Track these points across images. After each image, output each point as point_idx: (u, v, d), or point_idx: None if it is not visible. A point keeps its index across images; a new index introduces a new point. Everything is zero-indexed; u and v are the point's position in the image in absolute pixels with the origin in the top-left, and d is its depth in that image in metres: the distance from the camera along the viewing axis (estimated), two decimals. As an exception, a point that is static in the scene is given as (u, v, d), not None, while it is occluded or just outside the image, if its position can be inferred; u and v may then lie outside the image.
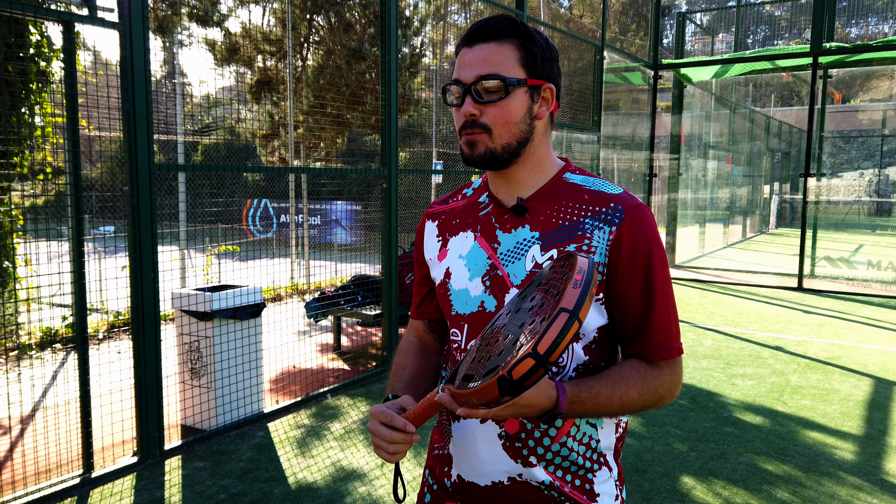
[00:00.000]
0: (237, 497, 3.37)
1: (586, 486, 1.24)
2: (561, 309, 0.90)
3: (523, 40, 1.21)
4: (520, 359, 0.88)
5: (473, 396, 0.95)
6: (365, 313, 5.98)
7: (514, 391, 0.90)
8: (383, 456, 1.14)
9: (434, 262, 1.38)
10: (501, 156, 1.22)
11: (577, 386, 1.13)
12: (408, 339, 1.49)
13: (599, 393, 1.14)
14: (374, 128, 9.79)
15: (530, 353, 0.88)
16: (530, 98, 1.22)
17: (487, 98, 1.19)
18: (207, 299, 4.11)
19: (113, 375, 5.03)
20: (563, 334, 0.88)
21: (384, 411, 1.15)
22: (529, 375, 0.89)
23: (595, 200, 1.23)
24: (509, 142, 1.21)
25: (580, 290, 0.92)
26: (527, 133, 1.23)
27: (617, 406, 1.16)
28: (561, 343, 0.88)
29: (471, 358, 1.07)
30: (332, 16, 9.70)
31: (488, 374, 0.94)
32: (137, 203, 3.59)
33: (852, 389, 5.08)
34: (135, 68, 3.49)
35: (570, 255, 1.03)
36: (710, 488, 3.48)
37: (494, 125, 1.20)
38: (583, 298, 0.91)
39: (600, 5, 11.02)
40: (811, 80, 9.56)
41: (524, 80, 1.20)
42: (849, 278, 10.28)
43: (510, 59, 1.19)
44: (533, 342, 0.89)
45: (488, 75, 1.18)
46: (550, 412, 1.09)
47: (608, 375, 1.17)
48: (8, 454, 3.93)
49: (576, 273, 0.95)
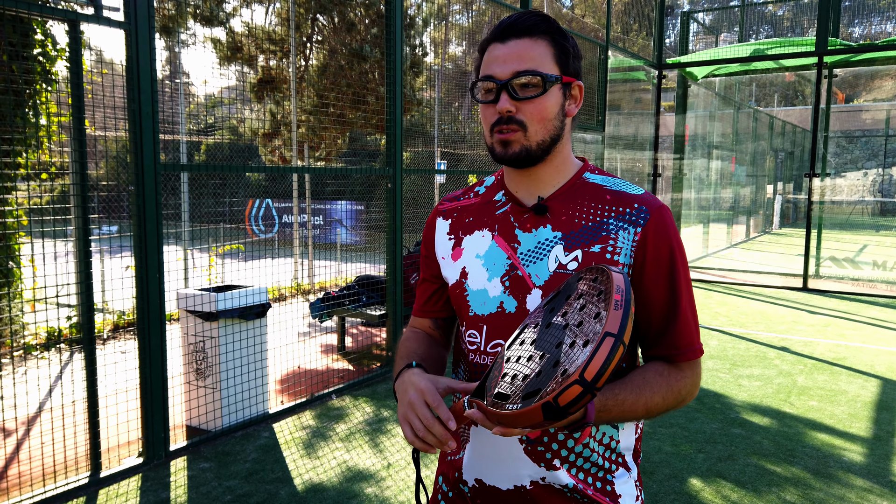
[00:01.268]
0: (243, 498, 3.35)
1: (607, 488, 1.23)
2: (606, 333, 0.89)
3: (556, 37, 1.20)
4: (567, 386, 0.87)
5: (515, 419, 0.93)
6: (369, 313, 5.97)
7: (558, 417, 0.89)
8: (409, 437, 1.09)
9: (447, 262, 1.35)
10: (535, 153, 1.21)
11: (603, 395, 1.11)
12: (412, 329, 1.45)
13: (625, 400, 1.13)
14: (377, 127, 9.78)
15: (577, 379, 0.87)
16: (563, 95, 1.22)
17: (524, 94, 1.18)
18: (213, 299, 4.10)
19: (118, 376, 5.02)
20: (609, 360, 0.87)
21: (434, 392, 1.10)
22: (576, 402, 0.88)
23: (618, 201, 1.22)
24: (544, 138, 1.20)
25: (622, 312, 0.91)
26: (559, 130, 1.22)
27: (642, 411, 1.15)
28: (608, 369, 0.87)
29: (499, 373, 1.03)
30: (334, 16, 9.69)
31: (529, 398, 0.92)
32: (143, 203, 3.57)
33: (860, 390, 5.05)
34: (140, 68, 3.48)
35: (602, 270, 1.01)
36: (718, 490, 3.46)
37: (531, 122, 1.19)
38: (626, 321, 0.90)
39: (602, 5, 10.99)
40: (816, 80, 9.53)
41: (559, 76, 1.19)
42: (854, 278, 10.25)
43: (545, 55, 1.19)
44: (580, 369, 0.87)
45: (526, 71, 1.17)
46: (579, 423, 1.08)
47: (632, 381, 1.16)
48: (15, 455, 3.92)
49: (615, 293, 0.93)
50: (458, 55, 22.93)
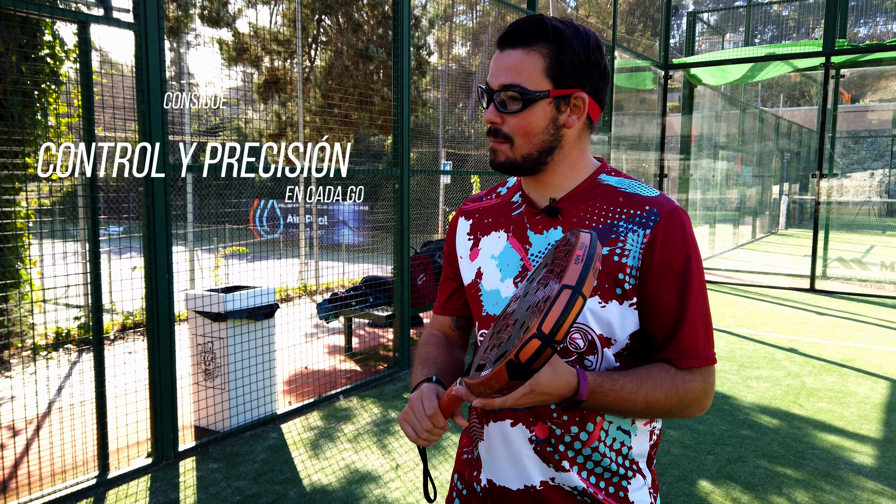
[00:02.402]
0: (252, 499, 3.35)
1: (620, 494, 1.22)
2: (563, 286, 0.88)
3: (553, 48, 1.17)
4: (525, 341, 0.87)
5: (484, 385, 0.93)
6: (377, 314, 5.97)
7: (523, 374, 0.89)
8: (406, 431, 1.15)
9: (465, 261, 1.36)
10: (522, 165, 1.22)
11: (600, 375, 1.11)
12: (432, 332, 1.46)
13: (624, 387, 1.12)
14: (382, 128, 9.78)
15: (535, 333, 0.86)
16: (555, 108, 1.19)
17: (510, 108, 1.18)
18: (221, 300, 4.10)
19: (126, 376, 5.03)
20: (567, 311, 0.86)
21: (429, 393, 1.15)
22: (537, 356, 0.87)
23: (630, 203, 1.20)
24: (530, 152, 1.20)
25: (582, 265, 0.90)
26: (550, 143, 1.21)
27: (641, 404, 1.13)
28: (566, 320, 0.86)
29: (484, 348, 1.05)
30: (340, 16, 9.69)
31: (498, 361, 0.93)
32: (152, 204, 3.58)
33: (869, 392, 5.03)
34: (150, 69, 3.48)
35: (572, 232, 1.01)
36: (728, 493, 3.45)
37: (515, 135, 1.20)
38: (585, 273, 0.89)
39: (607, 5, 10.96)
40: (823, 81, 9.49)
41: (546, 92, 1.17)
42: (862, 279, 10.21)
43: (535, 68, 1.16)
44: (537, 322, 0.87)
45: (509, 86, 1.17)
46: (570, 399, 1.08)
47: (635, 372, 1.15)
48: (24, 455, 3.93)
49: (577, 249, 0.93)
50: (462, 56, 22.89)
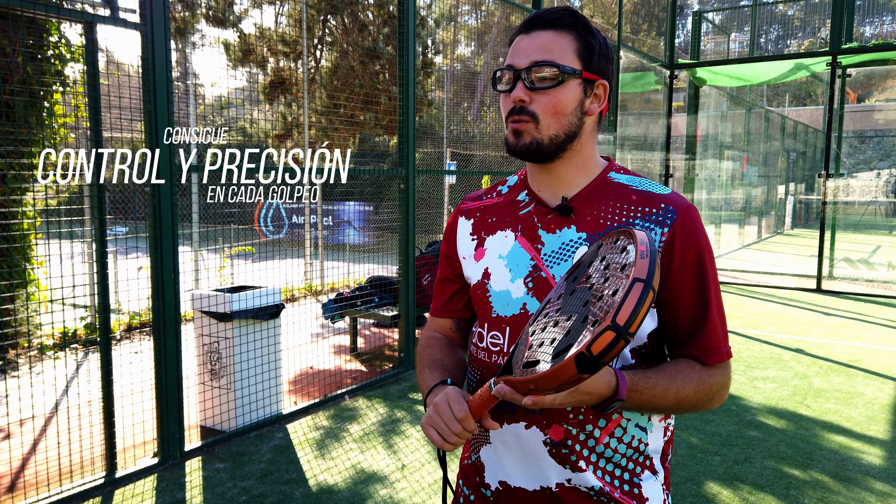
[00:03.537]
0: (258, 499, 3.35)
1: (634, 491, 1.21)
2: (635, 279, 0.87)
3: (582, 32, 1.19)
4: (600, 332, 0.85)
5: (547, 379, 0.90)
6: (382, 314, 5.96)
7: (592, 367, 0.87)
8: (432, 436, 1.10)
9: (469, 262, 1.33)
10: (548, 148, 1.19)
11: (635, 374, 1.10)
12: (432, 334, 1.42)
13: (657, 384, 1.11)
14: (387, 128, 9.78)
15: (610, 325, 0.85)
16: (583, 91, 1.20)
17: (540, 85, 1.16)
18: (227, 300, 4.10)
19: (133, 376, 5.04)
20: (640, 304, 0.86)
21: (457, 396, 1.11)
22: (611, 349, 0.85)
23: (644, 201, 1.20)
24: (557, 133, 1.18)
25: (648, 260, 0.90)
26: (576, 127, 1.20)
27: (672, 400, 1.13)
28: (640, 313, 0.85)
29: (525, 346, 1.02)
30: (345, 16, 9.70)
31: (559, 356, 0.91)
32: (159, 204, 3.58)
33: (877, 393, 5.00)
34: (156, 69, 3.48)
35: (623, 230, 1.00)
36: (736, 493, 3.43)
37: (543, 114, 1.17)
38: (653, 267, 0.89)
39: (611, 5, 10.93)
40: (830, 80, 9.45)
41: (579, 71, 1.18)
42: (868, 280, 10.16)
43: (567, 48, 1.17)
44: (611, 314, 0.85)
45: (543, 62, 1.16)
46: (610, 399, 1.06)
47: (664, 369, 1.15)
48: (31, 455, 3.94)
49: (639, 244, 0.92)
50: (466, 56, 22.90)
